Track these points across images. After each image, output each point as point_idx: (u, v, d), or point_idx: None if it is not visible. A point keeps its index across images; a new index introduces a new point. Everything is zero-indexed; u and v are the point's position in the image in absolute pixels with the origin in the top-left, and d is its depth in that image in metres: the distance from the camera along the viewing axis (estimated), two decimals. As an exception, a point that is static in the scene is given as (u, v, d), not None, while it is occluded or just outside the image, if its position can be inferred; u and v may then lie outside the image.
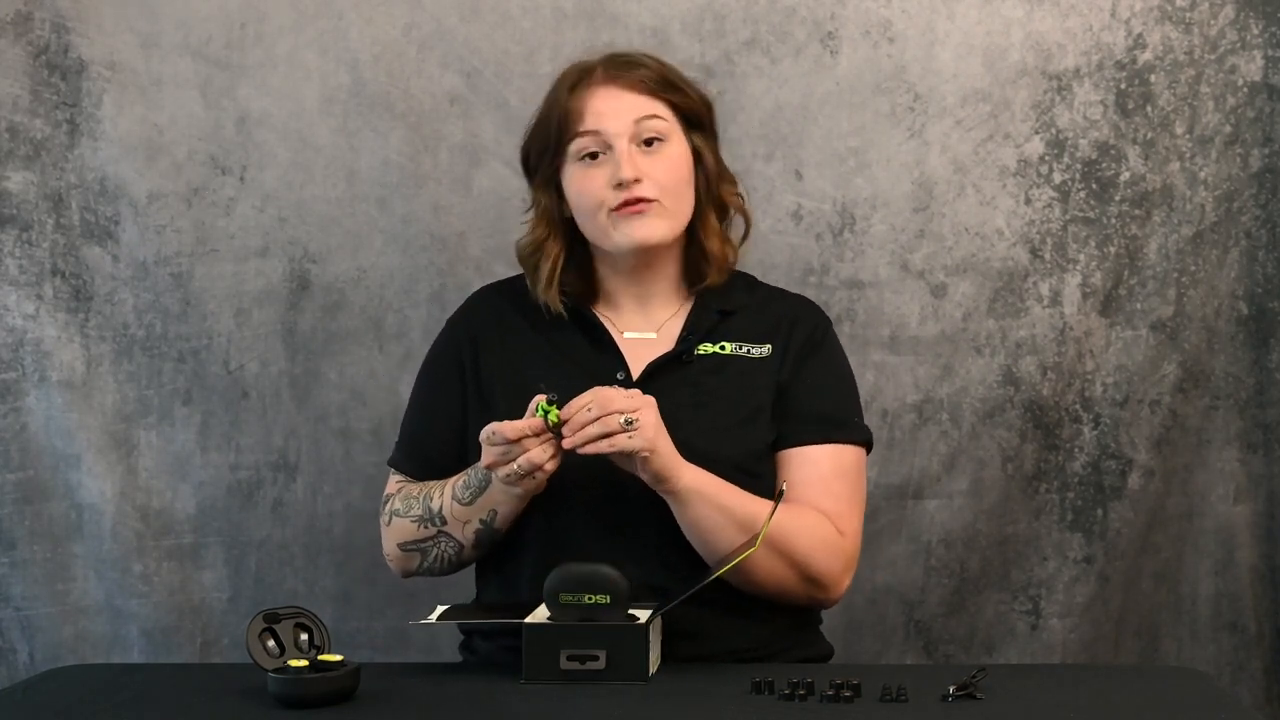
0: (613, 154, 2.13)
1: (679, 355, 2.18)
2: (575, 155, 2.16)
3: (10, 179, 2.77)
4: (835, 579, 2.15)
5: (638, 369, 2.17)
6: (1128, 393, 2.81)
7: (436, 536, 2.16)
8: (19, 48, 2.76)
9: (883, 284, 2.80)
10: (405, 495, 2.21)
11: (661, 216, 2.15)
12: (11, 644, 2.82)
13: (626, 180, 2.12)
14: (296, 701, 1.85)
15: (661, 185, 2.14)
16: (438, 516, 2.16)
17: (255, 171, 2.79)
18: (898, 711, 1.81)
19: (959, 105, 2.78)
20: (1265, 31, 2.77)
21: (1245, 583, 2.87)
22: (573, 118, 2.15)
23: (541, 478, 2.06)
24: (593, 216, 2.16)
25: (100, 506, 2.80)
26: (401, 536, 2.20)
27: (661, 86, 2.17)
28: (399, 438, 2.29)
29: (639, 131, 2.15)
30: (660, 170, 2.14)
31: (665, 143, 2.16)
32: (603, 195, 2.14)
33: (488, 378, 2.21)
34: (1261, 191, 2.80)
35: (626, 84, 2.16)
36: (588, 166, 2.15)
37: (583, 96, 2.16)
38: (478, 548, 2.17)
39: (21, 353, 2.80)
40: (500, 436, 2.03)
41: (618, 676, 1.92)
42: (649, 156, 2.15)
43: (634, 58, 2.20)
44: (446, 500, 2.15)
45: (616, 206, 2.13)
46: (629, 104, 2.15)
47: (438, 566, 2.19)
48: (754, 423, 2.17)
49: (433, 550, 2.18)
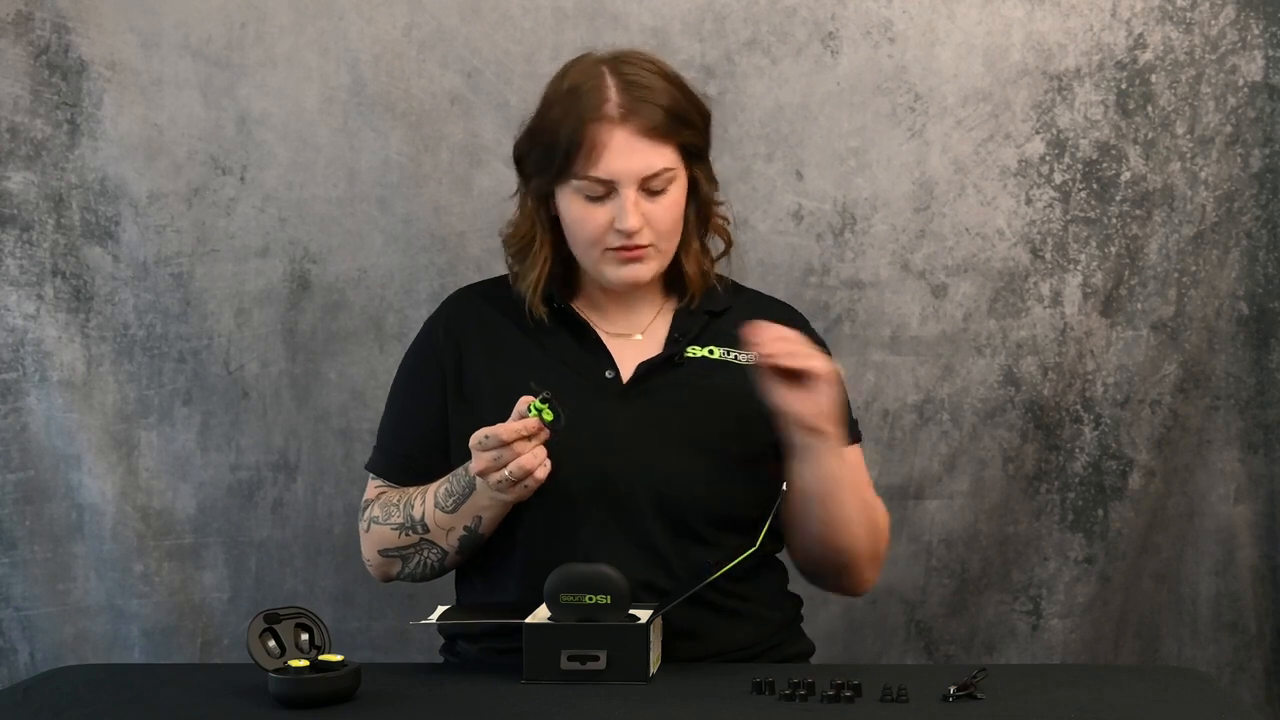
0: (617, 198, 2.11)
1: (670, 357, 2.18)
2: (578, 189, 2.12)
3: (11, 179, 2.77)
4: (879, 562, 2.24)
5: (625, 369, 2.17)
6: (1128, 393, 2.81)
7: (418, 544, 2.15)
8: (19, 48, 2.76)
9: (883, 284, 2.80)
10: (385, 502, 2.19)
11: (653, 260, 2.15)
12: (12, 644, 2.82)
13: (630, 231, 2.11)
14: (297, 702, 1.85)
15: (659, 231, 2.14)
16: (420, 524, 2.14)
17: (255, 171, 2.79)
18: (898, 711, 1.81)
19: (959, 105, 2.78)
20: (1266, 31, 2.77)
21: (1246, 583, 2.87)
22: (584, 157, 2.10)
23: (533, 485, 2.04)
24: (586, 250, 2.15)
25: (101, 506, 2.80)
26: (381, 543, 2.18)
27: (673, 127, 2.12)
28: (377, 442, 2.27)
29: (646, 182, 2.12)
30: (659, 216, 2.13)
31: (668, 189, 2.14)
32: (601, 235, 2.12)
33: (472, 380, 2.19)
34: (1262, 191, 2.80)
35: (640, 128, 2.10)
36: (589, 203, 2.12)
37: (597, 134, 2.09)
38: (461, 554, 2.15)
39: (22, 353, 2.80)
40: (494, 439, 2.01)
41: (618, 677, 1.92)
42: (651, 201, 2.12)
43: (646, 83, 2.13)
44: (429, 508, 2.13)
45: (613, 247, 2.13)
46: (643, 157, 2.11)
47: (419, 572, 2.18)
48: (752, 424, 2.16)
49: (414, 557, 2.17)
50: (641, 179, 2.11)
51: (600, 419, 2.12)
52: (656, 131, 2.11)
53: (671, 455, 2.13)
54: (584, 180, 2.11)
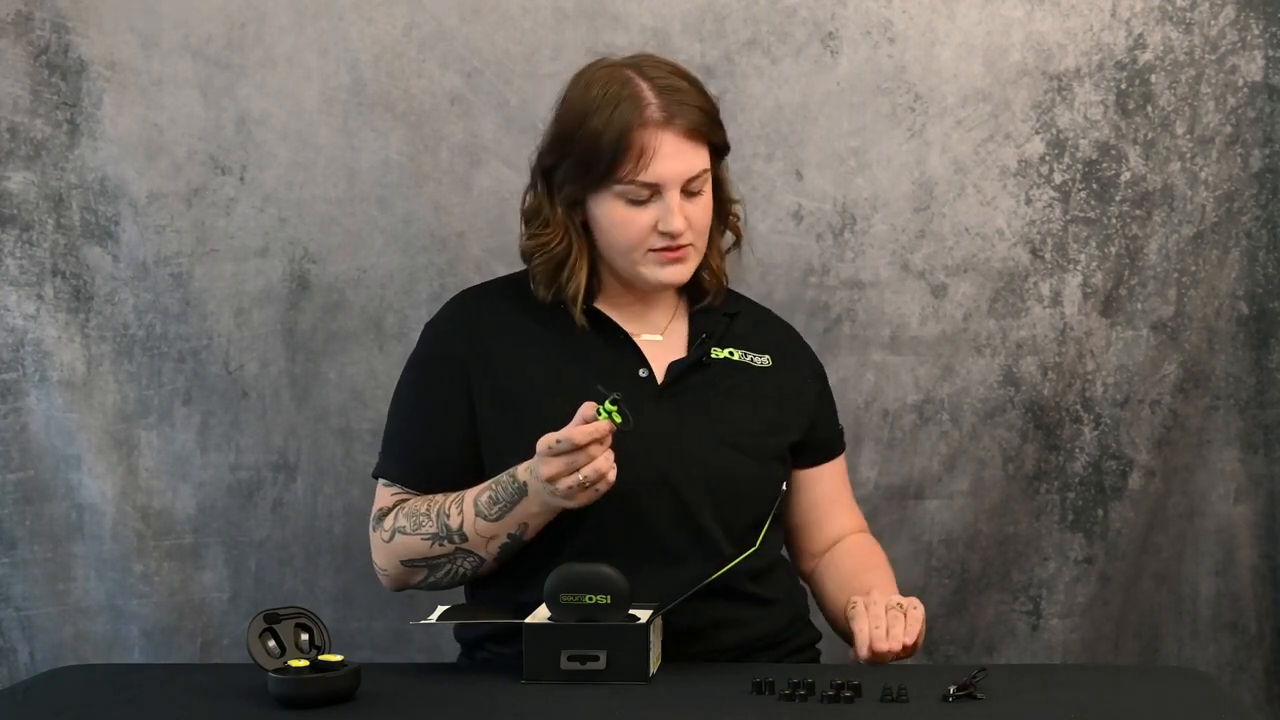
0: (661, 200, 2.12)
1: (699, 358, 2.20)
2: (622, 193, 2.13)
3: (10, 179, 2.77)
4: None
5: (657, 369, 2.19)
6: (1128, 393, 2.81)
7: (453, 554, 2.13)
8: (19, 48, 2.76)
9: (883, 284, 2.80)
10: (411, 512, 2.16)
11: (692, 260, 2.18)
12: (12, 644, 2.82)
13: (677, 232, 2.13)
14: (297, 702, 1.85)
15: (698, 231, 2.16)
16: (457, 534, 2.11)
17: (255, 171, 2.79)
18: (898, 711, 1.81)
19: (959, 105, 2.78)
20: (1265, 31, 2.77)
21: (1246, 583, 2.87)
22: (631, 162, 2.10)
23: (603, 488, 2.00)
24: (626, 253, 2.16)
25: (100, 506, 2.80)
26: (408, 554, 2.15)
27: (710, 127, 2.15)
28: (389, 448, 2.24)
29: (689, 184, 2.14)
30: (698, 215, 2.16)
31: (704, 190, 2.17)
32: (645, 237, 2.14)
33: (507, 378, 2.17)
34: (1262, 191, 2.80)
35: (683, 130, 2.12)
36: (631, 207, 2.13)
37: (644, 139, 2.10)
38: (499, 561, 2.14)
39: (22, 353, 2.80)
40: (568, 443, 1.96)
41: (618, 676, 1.92)
42: (690, 202, 2.15)
43: (677, 86, 2.14)
44: (468, 517, 2.10)
45: (657, 249, 2.14)
46: (688, 159, 2.13)
47: (445, 581, 2.17)
48: (774, 423, 2.22)
49: (444, 566, 2.15)
50: (685, 180, 2.13)
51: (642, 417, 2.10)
52: (697, 133, 2.13)
53: (720, 453, 2.15)
54: (629, 185, 2.11)
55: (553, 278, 2.19)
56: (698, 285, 2.24)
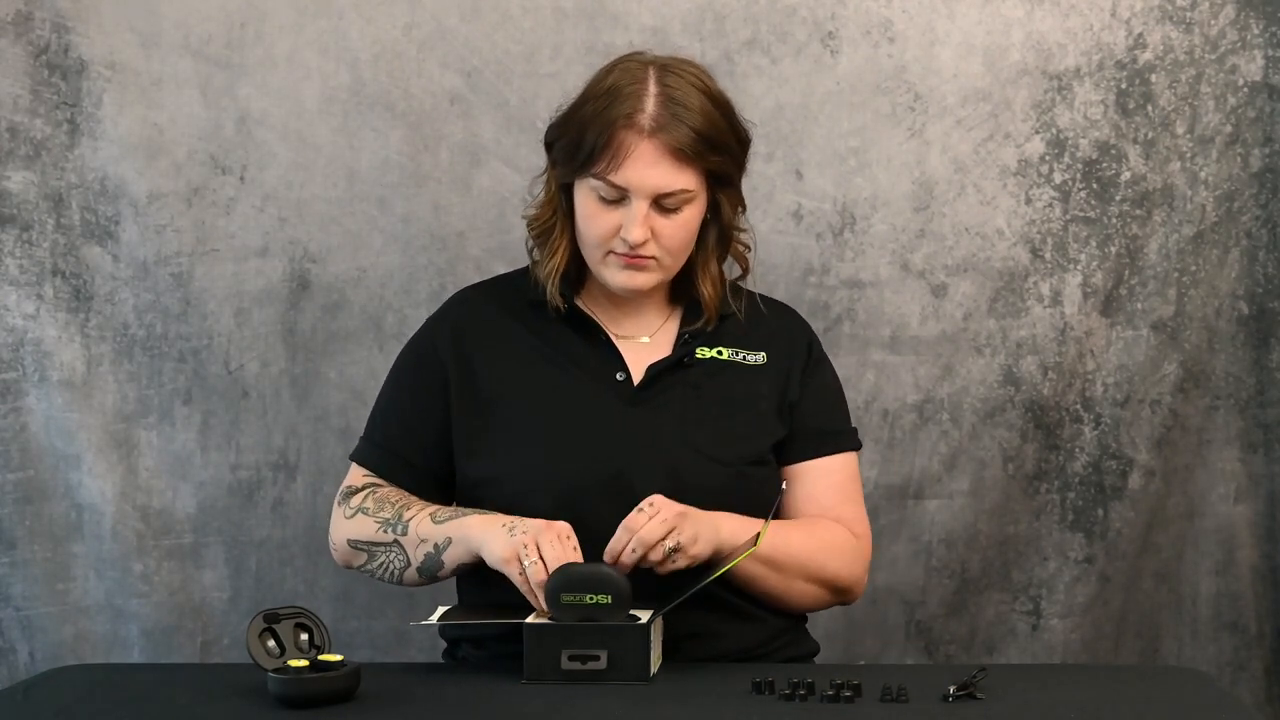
0: (629, 206, 2.10)
1: (680, 359, 2.18)
2: (594, 188, 2.12)
3: (10, 179, 2.77)
4: (859, 581, 2.24)
5: (635, 371, 2.18)
6: (1128, 393, 2.81)
7: (390, 545, 2.15)
8: (19, 48, 2.76)
9: (883, 284, 2.80)
10: (382, 498, 2.19)
11: (655, 272, 2.15)
12: (11, 644, 2.82)
13: (633, 242, 2.11)
14: (297, 701, 1.85)
15: (665, 247, 2.14)
16: (400, 526, 2.14)
17: (255, 171, 2.79)
18: (898, 711, 1.81)
19: (959, 105, 2.78)
20: (1265, 31, 2.77)
21: (1246, 583, 2.87)
22: (606, 159, 2.09)
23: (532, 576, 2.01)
24: (591, 249, 2.15)
25: (100, 506, 2.80)
26: (357, 534, 2.18)
27: (701, 150, 2.10)
28: (369, 433, 2.27)
29: (661, 199, 2.11)
30: (669, 233, 2.13)
31: (682, 209, 2.13)
32: (607, 238, 2.13)
33: (483, 379, 2.19)
34: (1262, 191, 2.80)
35: (666, 144, 2.08)
36: (601, 204, 2.12)
37: (623, 140, 2.08)
38: (420, 573, 2.15)
39: (22, 353, 2.80)
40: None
41: (619, 676, 1.92)
42: (663, 216, 2.12)
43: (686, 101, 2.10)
44: (420, 516, 2.14)
45: (618, 252, 2.13)
46: (662, 173, 2.09)
47: (380, 573, 2.18)
48: (756, 426, 2.18)
49: (380, 556, 2.17)
50: (656, 195, 2.10)
51: (610, 421, 2.13)
52: (681, 152, 2.09)
53: (683, 457, 2.13)
54: (601, 181, 2.10)
55: (541, 249, 2.21)
56: (696, 301, 2.22)
